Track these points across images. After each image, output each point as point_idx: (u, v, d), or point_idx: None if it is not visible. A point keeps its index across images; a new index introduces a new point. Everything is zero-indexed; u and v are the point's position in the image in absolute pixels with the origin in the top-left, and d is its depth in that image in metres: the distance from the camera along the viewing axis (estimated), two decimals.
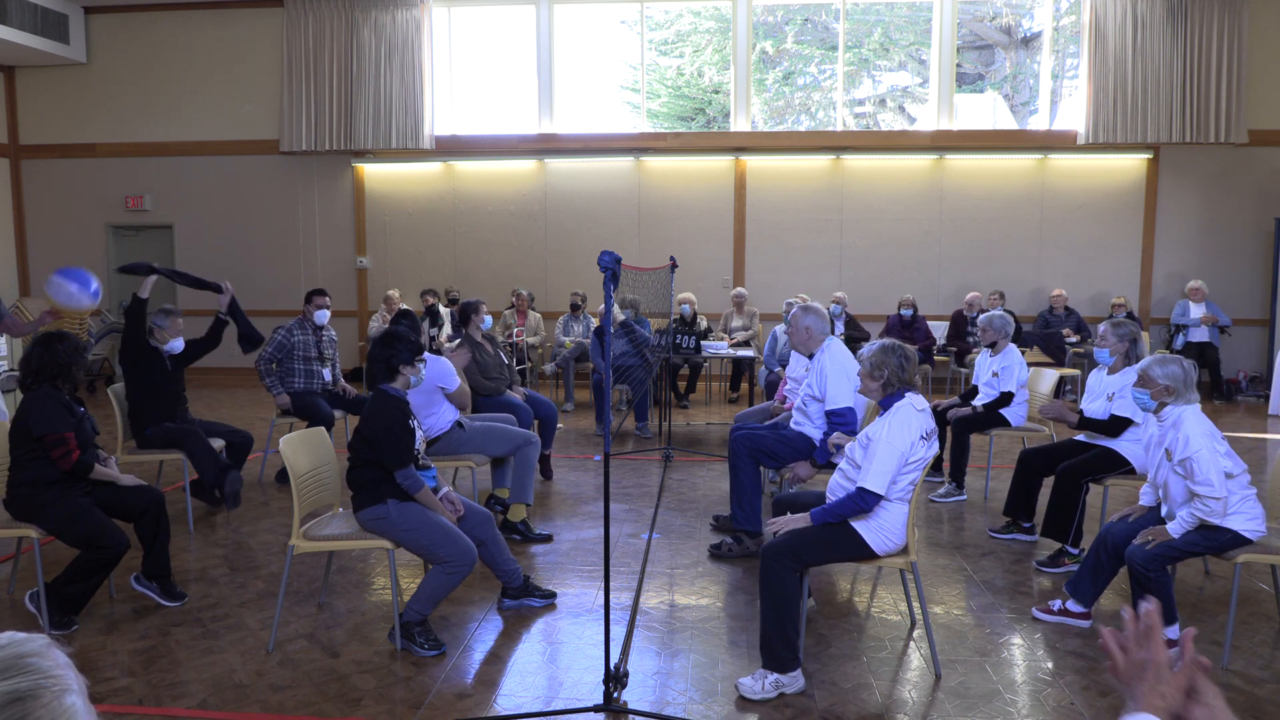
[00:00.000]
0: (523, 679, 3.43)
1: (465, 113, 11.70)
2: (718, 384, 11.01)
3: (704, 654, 3.63)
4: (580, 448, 7.61)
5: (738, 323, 10.19)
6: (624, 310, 8.08)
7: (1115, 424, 4.56)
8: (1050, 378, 6.23)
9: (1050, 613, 3.93)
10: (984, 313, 6.94)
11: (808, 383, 4.82)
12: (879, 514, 3.37)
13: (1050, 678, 3.43)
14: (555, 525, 5.36)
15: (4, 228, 11.80)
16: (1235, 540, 3.50)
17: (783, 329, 8.17)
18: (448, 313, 9.64)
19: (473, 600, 4.18)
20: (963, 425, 5.89)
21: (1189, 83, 10.21)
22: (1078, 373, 9.51)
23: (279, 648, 3.68)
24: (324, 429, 4.13)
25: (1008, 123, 11.82)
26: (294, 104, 11.17)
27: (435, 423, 4.96)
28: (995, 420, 5.86)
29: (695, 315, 9.39)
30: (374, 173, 11.58)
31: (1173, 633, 3.55)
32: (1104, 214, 10.78)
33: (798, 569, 3.32)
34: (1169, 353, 3.91)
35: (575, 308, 10.05)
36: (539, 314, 10.64)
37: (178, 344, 5.48)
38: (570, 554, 4.86)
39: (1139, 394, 3.69)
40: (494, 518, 4.03)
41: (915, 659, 3.61)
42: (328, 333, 6.60)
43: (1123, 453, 4.55)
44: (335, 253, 11.66)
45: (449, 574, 3.61)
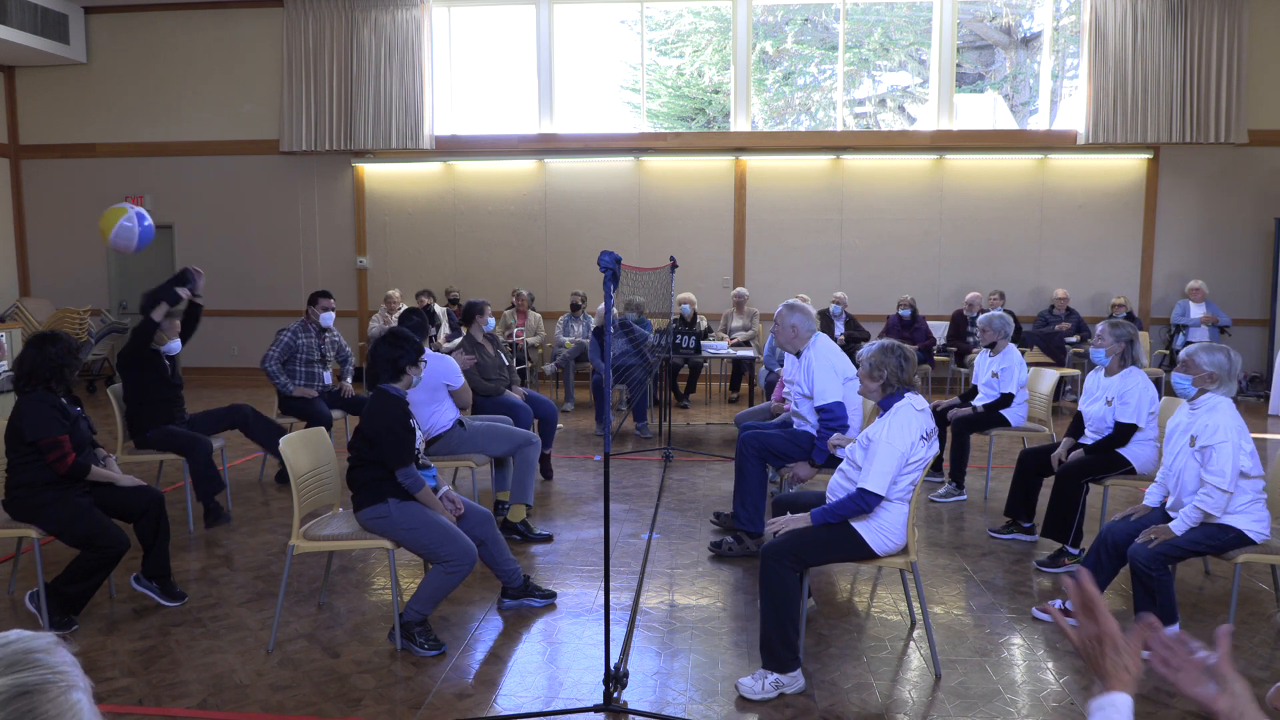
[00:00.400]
0: (523, 679, 3.43)
1: (465, 113, 11.69)
2: (718, 384, 11.01)
3: (704, 654, 3.63)
4: (580, 448, 7.62)
5: (738, 323, 10.19)
6: (629, 313, 8.08)
7: (1122, 432, 4.55)
8: (1050, 378, 6.23)
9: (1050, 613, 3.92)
10: (984, 313, 6.94)
11: (799, 381, 4.81)
12: (879, 514, 3.37)
13: (1050, 678, 3.43)
14: (555, 525, 5.36)
15: (4, 228, 11.80)
16: (1239, 540, 3.52)
17: None
18: (445, 313, 9.65)
19: (473, 600, 4.18)
20: (963, 425, 5.90)
21: (1189, 83, 10.20)
22: (1077, 373, 9.50)
23: (279, 648, 3.68)
24: (324, 429, 4.13)
25: (1008, 123, 11.82)
26: (294, 104, 11.16)
27: (437, 421, 4.96)
28: (995, 420, 5.86)
29: (695, 315, 9.40)
30: (374, 173, 11.58)
31: (1172, 632, 3.55)
32: (1104, 214, 10.78)
33: (798, 569, 3.32)
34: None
35: (575, 308, 10.06)
36: (539, 314, 10.64)
37: (176, 345, 5.48)
38: (570, 554, 4.86)
39: (1179, 379, 3.70)
40: (494, 518, 4.03)
41: (915, 659, 3.61)
42: (331, 335, 6.61)
43: (1123, 453, 4.55)
44: (335, 253, 11.65)
45: (449, 574, 3.61)
